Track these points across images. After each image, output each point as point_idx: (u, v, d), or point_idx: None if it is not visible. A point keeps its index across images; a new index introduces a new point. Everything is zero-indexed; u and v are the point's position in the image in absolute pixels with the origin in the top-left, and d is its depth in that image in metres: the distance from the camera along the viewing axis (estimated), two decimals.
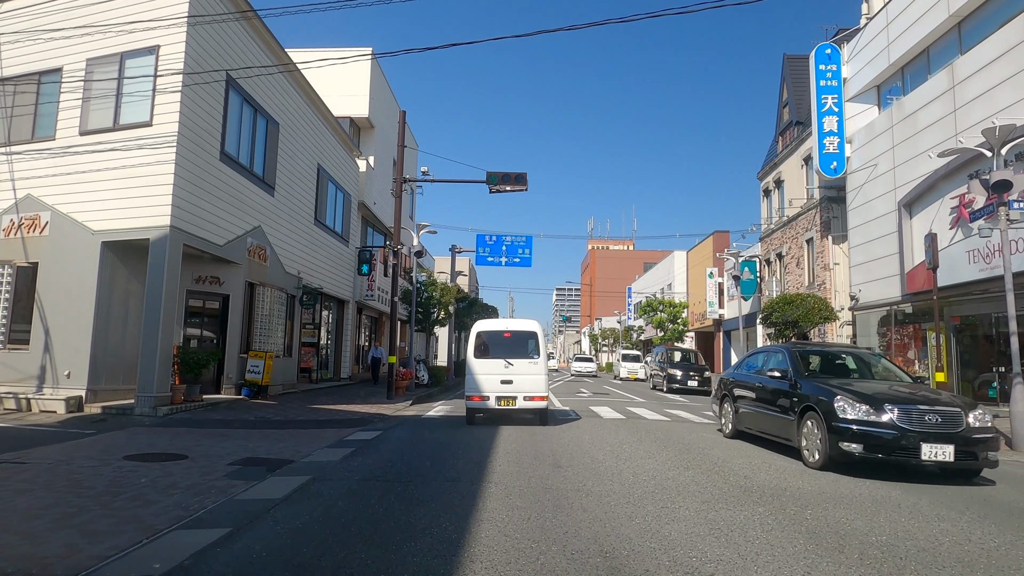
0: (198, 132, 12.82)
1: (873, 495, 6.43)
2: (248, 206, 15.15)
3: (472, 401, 11.91)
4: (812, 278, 25.41)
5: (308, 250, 19.51)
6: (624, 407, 17.22)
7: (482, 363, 11.99)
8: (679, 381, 25.61)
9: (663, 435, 10.94)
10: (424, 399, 18.78)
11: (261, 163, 15.85)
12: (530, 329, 12.55)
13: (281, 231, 17.30)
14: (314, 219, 19.94)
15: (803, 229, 26.14)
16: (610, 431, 11.36)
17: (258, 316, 15.94)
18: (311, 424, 11.68)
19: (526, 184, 18.06)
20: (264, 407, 13.57)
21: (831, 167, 22.29)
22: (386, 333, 31.54)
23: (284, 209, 17.45)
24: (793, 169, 27.41)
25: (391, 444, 9.46)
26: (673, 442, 10.02)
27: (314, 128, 19.67)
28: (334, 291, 22.41)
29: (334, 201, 21.93)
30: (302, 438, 10.01)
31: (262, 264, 15.90)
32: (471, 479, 6.82)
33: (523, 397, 11.73)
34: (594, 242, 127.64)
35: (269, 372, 15.04)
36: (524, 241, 30.35)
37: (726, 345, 37.53)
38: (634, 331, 52.12)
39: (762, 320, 21.24)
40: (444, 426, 12.05)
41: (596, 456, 8.47)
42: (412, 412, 14.86)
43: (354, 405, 15.26)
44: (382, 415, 13.71)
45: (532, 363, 12.06)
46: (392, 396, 17.44)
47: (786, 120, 28.51)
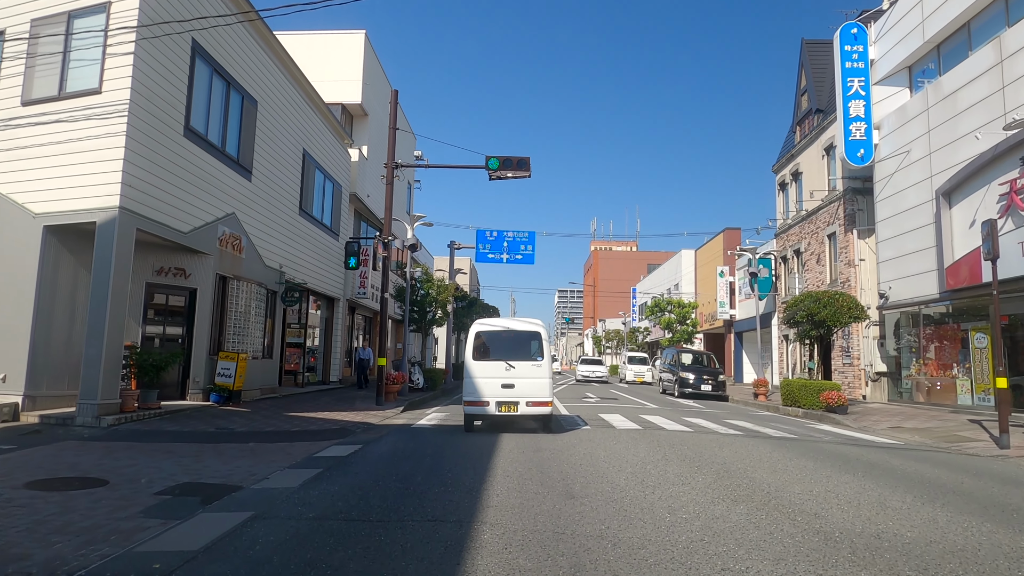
0: (156, 103, 11.26)
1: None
2: (219, 190, 13.59)
3: (470, 406, 10.87)
4: (834, 276, 23.80)
5: (292, 242, 17.94)
6: (637, 415, 15.62)
7: (481, 365, 10.95)
8: (692, 385, 24.00)
9: (690, 451, 9.33)
10: (417, 405, 17.20)
11: (235, 143, 14.29)
12: (533, 329, 11.42)
13: (260, 220, 15.73)
14: (299, 209, 18.37)
15: (824, 223, 24.53)
16: (627, 445, 9.76)
17: (232, 313, 14.37)
18: (280, 436, 10.09)
19: (529, 170, 16.48)
20: (232, 415, 11.98)
21: (858, 155, 20.68)
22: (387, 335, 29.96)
23: (263, 196, 15.88)
24: (813, 160, 25.80)
25: (368, 463, 7.87)
26: (705, 461, 8.41)
27: (298, 110, 18.11)
28: (322, 288, 20.84)
29: (322, 191, 20.36)
30: (264, 455, 8.43)
31: (236, 255, 14.34)
32: (460, 517, 5.23)
33: (526, 402, 10.71)
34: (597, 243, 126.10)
35: (242, 375, 13.46)
36: (526, 237, 28.79)
37: (737, 347, 35.90)
38: (640, 333, 50.46)
39: (784, 320, 19.63)
40: (435, 438, 10.47)
41: (616, 481, 6.87)
42: (402, 420, 13.29)
43: (337, 412, 13.68)
44: (367, 424, 12.13)
45: (535, 366, 10.94)
46: (381, 402, 15.86)
47: (804, 108, 26.92)
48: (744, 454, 9.16)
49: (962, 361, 17.64)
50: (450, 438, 10.47)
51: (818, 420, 16.29)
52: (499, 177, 16.70)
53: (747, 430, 12.78)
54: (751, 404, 21.27)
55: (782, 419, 16.35)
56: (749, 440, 10.94)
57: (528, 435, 11.14)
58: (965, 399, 17.27)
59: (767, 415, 17.57)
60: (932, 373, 19.00)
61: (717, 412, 17.58)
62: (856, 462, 8.76)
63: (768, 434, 12.16)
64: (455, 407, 16.87)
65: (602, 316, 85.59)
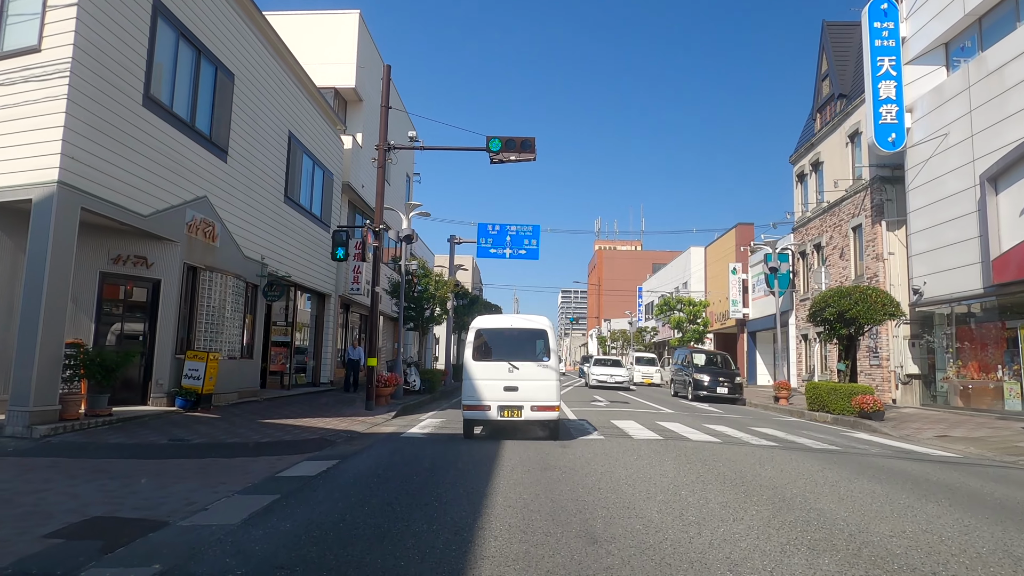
0: (108, 65, 9.81)
1: None
2: (188, 170, 12.15)
3: (470, 411, 10.01)
4: (860, 271, 22.27)
5: (276, 232, 16.49)
6: (653, 421, 14.14)
7: (482, 366, 10.06)
8: (706, 388, 22.50)
9: (727, 469, 7.84)
10: (412, 409, 15.74)
11: (207, 119, 12.85)
12: (539, 327, 10.49)
13: (238, 206, 14.29)
14: (284, 196, 16.93)
15: (848, 215, 23.00)
16: (650, 461, 8.28)
17: (204, 308, 12.93)
18: (244, 449, 8.63)
19: (534, 152, 15.02)
20: (195, 423, 10.53)
21: (889, 140, 19.16)
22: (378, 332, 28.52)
23: (242, 180, 14.44)
24: (835, 148, 24.27)
25: (339, 486, 6.41)
26: (750, 484, 6.92)
27: (283, 88, 16.67)
28: (311, 283, 19.40)
29: (311, 178, 18.92)
30: (216, 474, 6.99)
31: (209, 244, 12.90)
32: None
33: (531, 407, 9.85)
34: (601, 242, 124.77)
35: (212, 377, 12.02)
36: (530, 231, 27.35)
37: (751, 347, 34.36)
38: (647, 332, 48.94)
39: (809, 317, 18.12)
40: (427, 450, 9.00)
41: (648, 514, 5.39)
42: (392, 427, 11.83)
43: (320, 419, 12.23)
44: (351, 433, 10.68)
45: (541, 367, 10.02)
46: (372, 406, 14.41)
47: (826, 94, 25.39)
48: (792, 473, 7.66)
49: (1008, 363, 16.10)
50: (444, 450, 9.01)
51: (851, 427, 14.80)
52: (501, 160, 15.26)
53: (781, 440, 11.29)
54: (772, 408, 19.77)
55: (812, 426, 14.85)
56: (789, 454, 9.44)
57: (534, 444, 9.71)
58: (1014, 404, 15.73)
59: (794, 421, 16.07)
60: (972, 376, 17.47)
61: (739, 418, 16.08)
62: (928, 484, 7.27)
63: (807, 445, 10.67)
64: (453, 412, 15.42)
65: (607, 316, 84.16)
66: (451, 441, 10.11)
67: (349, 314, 25.29)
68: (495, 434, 10.99)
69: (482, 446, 9.48)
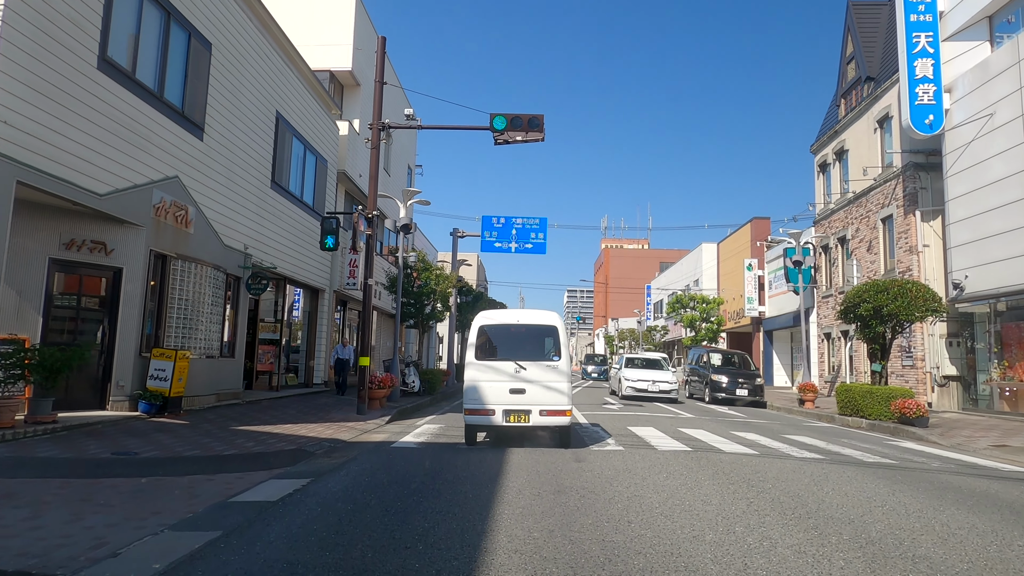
0: (53, 17, 8.51)
1: None
2: (156, 146, 10.85)
3: (472, 416, 9.10)
4: (890, 265, 20.81)
5: (261, 220, 15.18)
6: (674, 427, 12.76)
7: (485, 367, 9.17)
8: (725, 390, 21.10)
9: (780, 492, 6.46)
10: (408, 413, 14.41)
11: (179, 90, 11.54)
12: (548, 323, 9.61)
13: (216, 189, 12.98)
14: (271, 182, 15.62)
15: (877, 206, 21.54)
16: (684, 480, 6.90)
17: (175, 301, 11.62)
18: (201, 464, 7.31)
19: (542, 131, 13.66)
20: (157, 431, 9.21)
21: (926, 122, 17.71)
22: (378, 331, 27.23)
23: (221, 160, 13.13)
24: (862, 135, 22.80)
25: (300, 518, 5.07)
26: (816, 514, 5.55)
27: (270, 64, 15.36)
28: (303, 276, 18.09)
29: (301, 164, 17.61)
30: (153, 499, 5.67)
31: (181, 230, 11.59)
32: None
33: (539, 411, 8.95)
34: (607, 241, 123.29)
35: (182, 378, 10.72)
36: (537, 224, 25.99)
37: (767, 347, 32.90)
38: (657, 332, 47.46)
39: (841, 314, 16.69)
40: (419, 465, 7.66)
41: (701, 565, 4.03)
42: (383, 435, 10.50)
43: (304, 425, 10.91)
44: (334, 442, 9.36)
45: (551, 367, 9.12)
46: (364, 410, 13.09)
47: (852, 78, 23.92)
48: (861, 499, 6.28)
49: None
50: (439, 465, 7.67)
51: (891, 434, 13.40)
52: (506, 141, 13.90)
53: (824, 451, 9.91)
54: (797, 412, 18.36)
55: (849, 433, 13.45)
56: (843, 470, 8.05)
57: (544, 456, 8.40)
58: None
59: (827, 427, 14.67)
60: (1020, 377, 16.02)
61: (766, 423, 14.69)
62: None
63: (857, 458, 9.28)
64: (453, 415, 14.10)
65: (614, 315, 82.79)
66: (448, 452, 8.79)
67: (347, 311, 24.00)
68: (500, 441, 9.91)
69: (484, 459, 8.14)
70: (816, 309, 26.75)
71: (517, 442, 9.96)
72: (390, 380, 14.42)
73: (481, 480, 6.78)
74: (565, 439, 9.30)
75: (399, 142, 28.84)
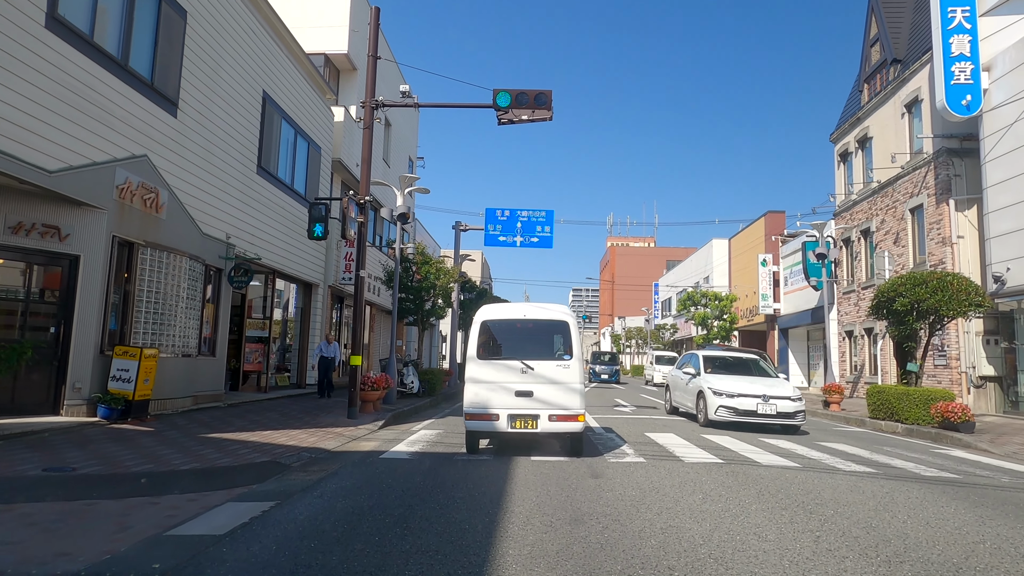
0: None
1: None
2: (120, 120, 9.72)
3: (474, 421, 8.18)
4: (920, 258, 19.54)
5: (246, 208, 14.05)
6: (696, 433, 11.57)
7: (489, 367, 8.29)
8: None
9: (848, 520, 5.27)
10: (404, 417, 13.26)
11: (148, 60, 10.41)
12: (558, 317, 8.73)
13: (193, 172, 11.86)
14: (256, 167, 14.48)
15: (905, 195, 20.26)
16: (726, 504, 5.72)
17: (144, 294, 10.49)
18: (150, 483, 6.16)
19: (550, 109, 12.47)
20: (111, 441, 8.07)
21: (962, 103, 16.45)
22: (376, 328, 26.11)
23: (198, 140, 12.00)
24: (888, 120, 21.53)
25: (247, 561, 3.92)
26: (904, 554, 4.36)
27: (255, 39, 14.22)
28: (294, 270, 16.95)
29: (291, 149, 16.47)
30: (70, 530, 4.54)
31: (151, 215, 10.46)
32: None
33: (548, 416, 8.03)
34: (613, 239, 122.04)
35: (149, 379, 9.59)
36: (543, 217, 24.76)
37: (782, 346, 31.63)
38: (666, 330, 46.18)
39: (872, 310, 15.47)
40: (408, 481, 6.50)
41: None
42: (373, 443, 9.35)
43: (286, 431, 9.76)
44: (315, 452, 8.22)
45: (562, 367, 8.21)
46: (356, 414, 11.94)
47: (876, 61, 22.64)
48: (949, 528, 5.08)
49: None
50: (432, 482, 6.51)
51: (934, 441, 12.19)
52: (511, 120, 12.72)
53: (871, 462, 8.71)
54: (823, 415, 17.13)
55: (888, 439, 12.23)
56: (907, 489, 6.85)
57: (554, 469, 7.29)
58: None
59: (860, 433, 13.45)
60: None
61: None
62: None
63: (913, 472, 8.08)
64: (454, 419, 12.96)
65: (620, 313, 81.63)
66: (445, 464, 7.64)
67: (344, 308, 22.87)
68: (504, 449, 8.87)
69: (485, 474, 6.99)
70: (836, 306, 25.48)
71: (523, 450, 8.85)
72: (385, 381, 13.27)
73: (481, 503, 5.63)
74: (577, 447, 8.36)
75: (399, 133, 27.71)
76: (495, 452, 8.71)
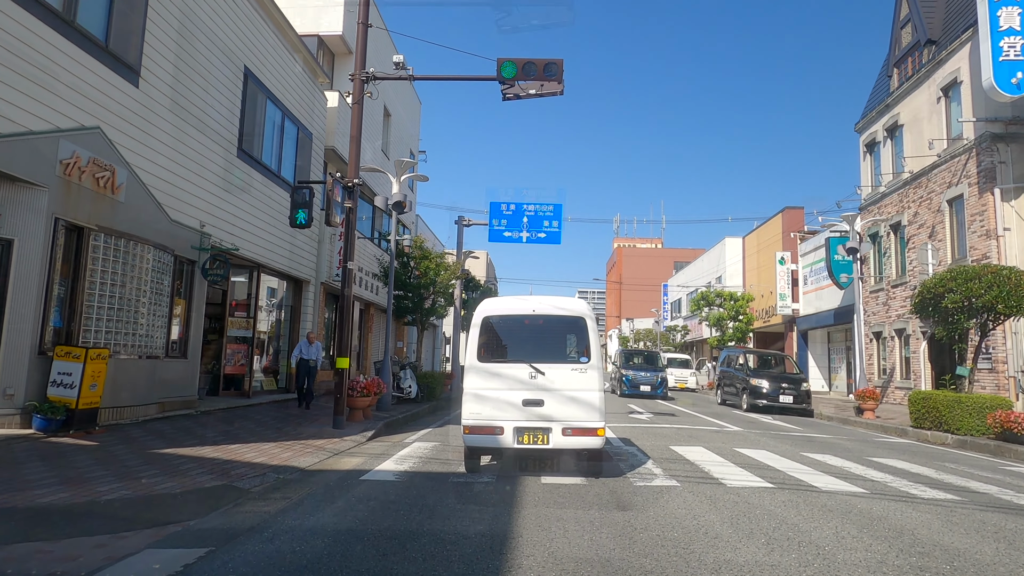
0: None
1: None
2: (67, 85, 8.41)
3: (474, 436, 7.02)
4: (960, 252, 18.07)
5: (225, 195, 12.74)
6: (728, 446, 10.18)
7: (491, 371, 7.19)
8: (766, 396, 18.45)
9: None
10: (398, 426, 11.91)
11: (102, 18, 9.10)
12: (574, 313, 7.48)
13: (159, 150, 10.54)
14: (238, 149, 13.17)
15: (942, 185, 18.80)
16: (801, 553, 4.32)
17: (97, 286, 9.16)
18: (52, 521, 4.81)
19: (560, 80, 11.11)
20: (31, 460, 6.73)
21: (1012, 81, 15.00)
22: (374, 329, 24.76)
23: (165, 114, 10.69)
24: (921, 105, 20.07)
25: None
26: None
27: (234, 9, 12.91)
28: (282, 264, 15.63)
29: (278, 133, 15.16)
30: None
31: (106, 196, 9.14)
32: None
33: (562, 429, 6.89)
34: (620, 240, 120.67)
35: (97, 384, 8.26)
36: (551, 211, 23.34)
37: (801, 348, 30.13)
38: (677, 332, 44.71)
39: (916, 308, 14.04)
40: (386, 517, 5.13)
41: None
42: (356, 460, 8.01)
43: (258, 445, 8.42)
44: (287, 471, 6.89)
45: (579, 371, 7.05)
46: (342, 423, 10.60)
47: (907, 43, 21.18)
48: None
49: None
50: (418, 515, 5.14)
51: (995, 454, 10.79)
52: (517, 95, 11.40)
53: (949, 486, 7.30)
54: (856, 423, 15.71)
55: (941, 453, 10.81)
56: (1020, 523, 5.44)
57: (571, 494, 5.98)
58: None
59: (905, 444, 12.03)
60: None
61: (835, 440, 12.06)
62: None
63: (1008, 500, 6.66)
64: (453, 428, 11.64)
65: (628, 315, 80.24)
66: (437, 489, 6.29)
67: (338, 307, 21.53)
68: (509, 467, 7.64)
69: (485, 505, 5.65)
70: (862, 305, 23.98)
71: (532, 469, 7.54)
72: (376, 386, 11.91)
73: (478, 551, 4.26)
74: (596, 466, 7.23)
75: (400, 124, 26.42)
76: (498, 472, 7.38)
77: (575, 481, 6.84)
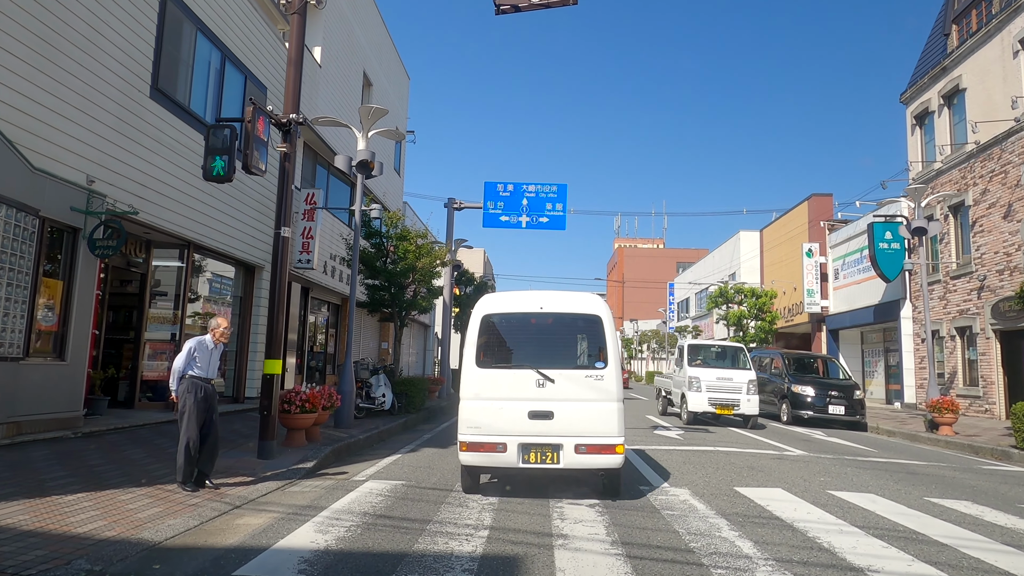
0: None
1: None
2: None
3: (472, 453, 5.95)
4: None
5: (132, 144, 9.69)
6: (811, 485, 7.14)
7: (492, 378, 6.11)
8: (812, 406, 15.49)
9: None
10: (355, 451, 8.86)
11: None
12: (588, 310, 6.36)
13: (16, 70, 7.51)
14: (151, 88, 10.12)
15: (1021, 156, 15.80)
16: None
17: None
18: None
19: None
20: None
21: None
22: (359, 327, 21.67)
23: (29, 25, 7.66)
24: (989, 66, 17.09)
25: None
26: None
27: None
28: (223, 244, 12.59)
29: (217, 79, 12.11)
30: None
31: None
32: None
33: (575, 445, 5.87)
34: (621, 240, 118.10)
35: None
36: (555, 192, 20.40)
37: (832, 349, 27.08)
38: (687, 332, 41.62)
39: (1020, 299, 11.07)
40: None
41: None
42: (255, 524, 4.98)
43: (113, 492, 5.40)
44: (116, 549, 3.81)
45: (594, 378, 6.01)
46: (273, 451, 7.57)
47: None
48: None
49: None
50: None
51: None
52: (515, 7, 8.45)
53: None
54: (925, 440, 12.78)
55: None
56: None
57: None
58: None
59: (1020, 472, 9.00)
60: None
61: (937, 471, 9.03)
62: None
63: None
64: (432, 452, 8.62)
65: (629, 316, 77.56)
66: None
67: (310, 300, 18.50)
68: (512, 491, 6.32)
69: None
70: (909, 301, 20.99)
71: (539, 492, 4.96)
72: (326, 397, 8.84)
73: None
74: (613, 487, 6.21)
75: (384, 97, 23.41)
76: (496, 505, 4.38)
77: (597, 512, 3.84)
